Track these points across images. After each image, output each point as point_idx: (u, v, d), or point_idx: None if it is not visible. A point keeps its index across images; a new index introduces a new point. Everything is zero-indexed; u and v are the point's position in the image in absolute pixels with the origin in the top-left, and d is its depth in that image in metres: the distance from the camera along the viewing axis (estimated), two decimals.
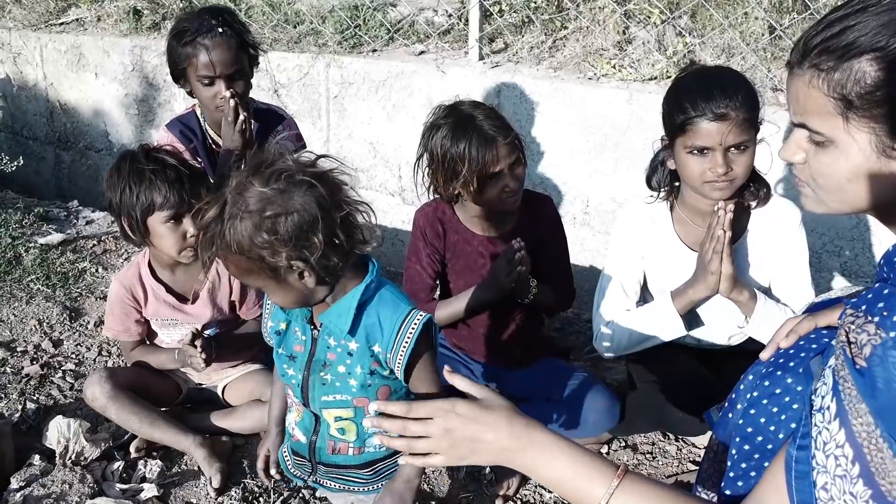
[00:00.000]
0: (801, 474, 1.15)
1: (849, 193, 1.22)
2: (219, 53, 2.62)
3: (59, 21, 5.32)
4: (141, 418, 2.37)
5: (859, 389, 1.07)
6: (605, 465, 1.30)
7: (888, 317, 1.06)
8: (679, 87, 2.11)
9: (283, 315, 1.66)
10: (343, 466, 1.76)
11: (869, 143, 1.16)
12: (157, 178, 2.25)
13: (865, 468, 1.05)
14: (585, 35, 4.22)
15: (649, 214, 2.28)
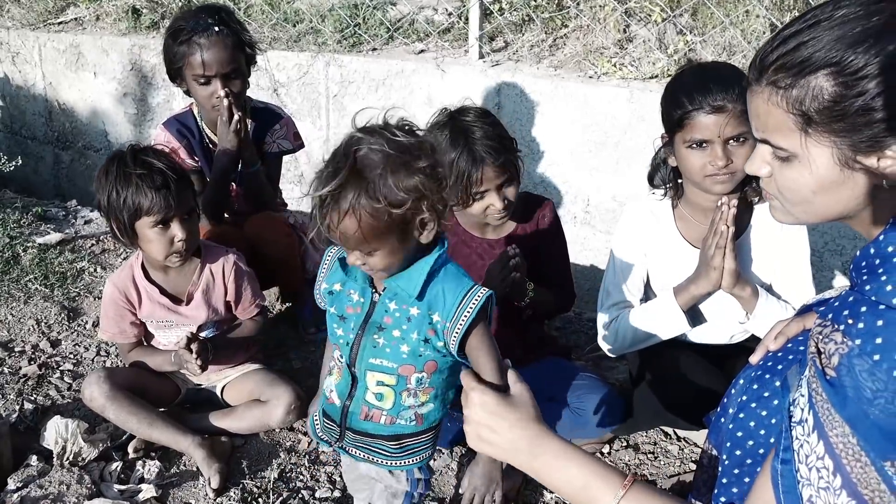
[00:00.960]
0: (788, 489, 1.15)
1: (815, 205, 1.23)
2: (215, 53, 2.61)
3: (57, 20, 5.30)
4: (139, 418, 2.35)
5: (831, 400, 1.07)
6: (614, 473, 1.31)
7: (853, 325, 1.07)
8: (676, 84, 2.10)
9: (340, 276, 1.66)
10: (372, 435, 1.73)
11: (831, 156, 1.16)
12: (144, 183, 2.23)
13: (846, 479, 1.06)
14: (586, 33, 4.20)
15: (652, 212, 2.27)
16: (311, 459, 2.41)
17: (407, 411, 1.69)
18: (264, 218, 2.86)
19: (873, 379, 1.03)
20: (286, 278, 2.97)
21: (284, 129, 2.98)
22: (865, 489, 1.06)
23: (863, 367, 1.05)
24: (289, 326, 3.09)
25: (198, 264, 2.46)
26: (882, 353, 1.04)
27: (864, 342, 1.05)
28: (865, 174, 1.17)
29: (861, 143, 1.14)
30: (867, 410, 1.04)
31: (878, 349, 1.04)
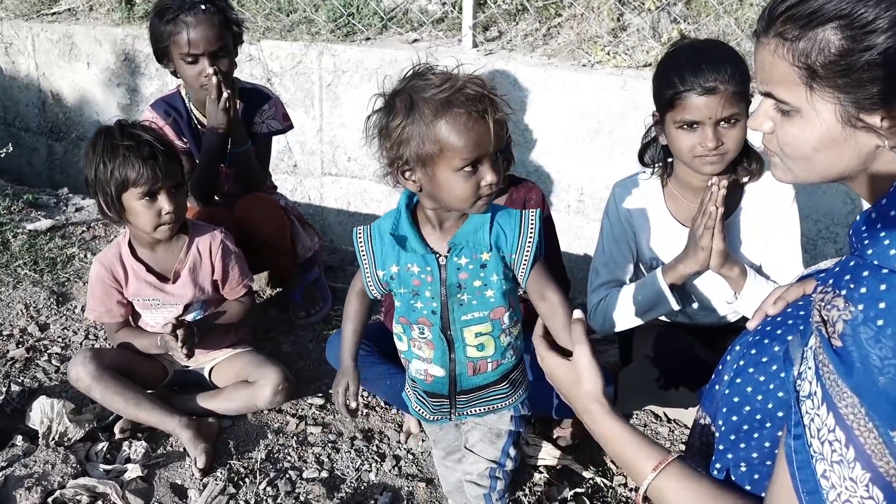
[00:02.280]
0: (802, 464, 1.11)
1: (815, 163, 1.22)
2: (202, 31, 2.60)
3: (50, 11, 5.29)
4: (126, 399, 2.34)
5: (837, 370, 1.04)
6: (659, 446, 1.37)
7: (855, 289, 1.04)
8: (668, 62, 2.09)
9: (393, 257, 1.62)
10: (484, 387, 1.74)
11: (834, 112, 1.15)
12: (132, 155, 2.23)
13: (860, 450, 1.03)
14: (580, 22, 4.19)
15: (641, 191, 2.26)
16: (298, 441, 2.39)
17: (508, 350, 1.71)
18: (255, 199, 2.84)
19: (879, 346, 1.00)
20: (277, 261, 2.95)
21: (273, 110, 2.97)
22: (880, 461, 1.03)
23: (868, 334, 1.01)
24: (279, 311, 3.08)
25: (185, 242, 2.45)
26: (886, 317, 1.01)
27: (868, 307, 1.02)
28: (868, 133, 1.15)
29: (865, 100, 1.12)
30: (875, 379, 1.00)
31: (881, 314, 1.01)
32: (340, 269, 3.40)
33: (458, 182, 1.47)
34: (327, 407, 2.54)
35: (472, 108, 1.41)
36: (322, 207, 4.79)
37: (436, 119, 1.42)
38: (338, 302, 3.11)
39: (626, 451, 1.39)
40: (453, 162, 1.45)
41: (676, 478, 1.31)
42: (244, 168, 2.85)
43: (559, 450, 2.34)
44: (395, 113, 1.47)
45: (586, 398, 1.45)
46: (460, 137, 1.42)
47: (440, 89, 1.42)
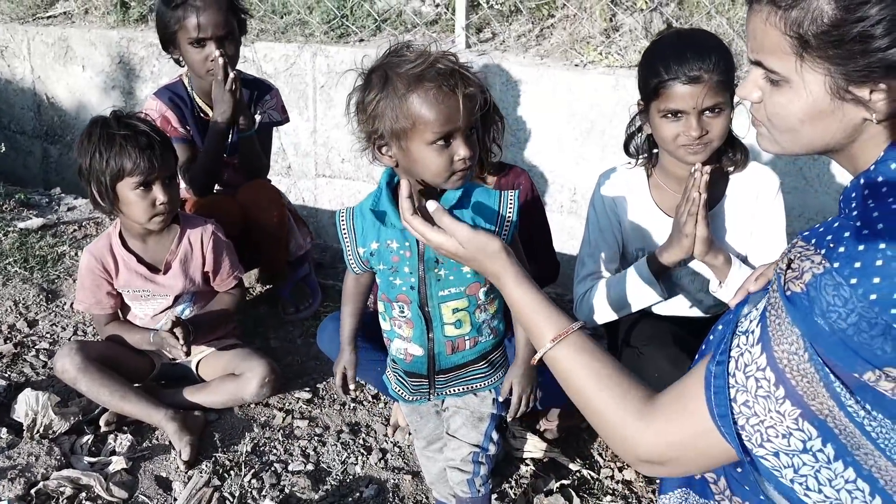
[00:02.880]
0: (718, 389, 1.16)
1: (802, 134, 1.21)
2: (209, 15, 2.61)
3: (46, 14, 5.30)
4: (111, 391, 2.33)
5: (790, 315, 1.06)
6: (564, 316, 1.40)
7: (834, 248, 1.05)
8: (653, 51, 2.08)
9: (373, 234, 1.64)
10: (462, 365, 1.76)
11: (823, 84, 1.14)
12: (128, 144, 2.23)
13: (792, 391, 1.07)
14: (572, 23, 4.20)
15: (626, 181, 2.25)
16: (285, 434, 2.38)
17: (483, 326, 1.73)
18: (259, 185, 2.85)
19: (844, 297, 1.02)
20: (272, 252, 2.93)
21: (274, 101, 2.99)
22: (813, 401, 1.06)
23: (835, 289, 1.03)
24: (268, 307, 3.07)
25: (176, 233, 2.45)
26: (860, 277, 1.02)
27: (843, 265, 1.04)
28: (856, 106, 1.14)
29: (855, 72, 1.11)
30: (833, 328, 1.03)
31: (855, 273, 1.02)
32: (331, 267, 3.39)
33: (432, 156, 1.48)
34: (314, 401, 2.53)
35: (442, 82, 1.43)
36: (316, 209, 4.79)
37: (408, 93, 1.43)
38: (327, 298, 3.10)
39: (531, 319, 1.41)
40: (425, 135, 1.45)
41: (572, 350, 1.34)
42: (248, 154, 2.85)
43: (545, 442, 2.33)
44: (371, 88, 1.49)
45: (490, 261, 1.45)
46: (431, 111, 1.43)
47: (413, 65, 1.43)
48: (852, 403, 1.05)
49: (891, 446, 1.07)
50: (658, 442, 1.24)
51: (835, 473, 1.12)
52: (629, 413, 1.27)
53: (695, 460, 1.24)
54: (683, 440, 1.22)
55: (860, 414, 1.05)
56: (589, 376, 1.32)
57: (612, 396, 1.29)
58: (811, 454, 1.11)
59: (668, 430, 1.24)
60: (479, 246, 1.46)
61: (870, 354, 1.01)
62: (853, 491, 1.12)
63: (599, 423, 1.33)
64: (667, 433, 1.24)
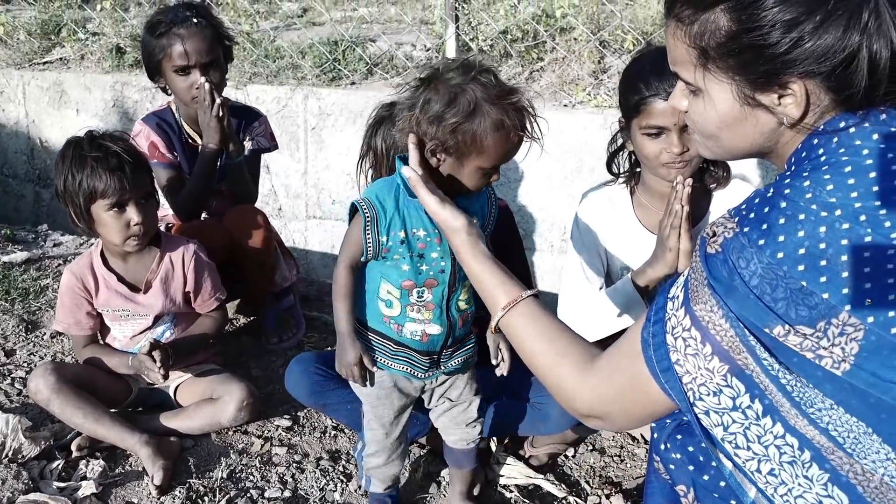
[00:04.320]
0: (657, 345, 1.20)
1: (723, 140, 1.26)
2: (194, 42, 2.62)
3: (43, 60, 5.37)
4: (85, 413, 2.27)
5: (708, 276, 1.12)
6: (518, 285, 1.49)
7: (746, 216, 1.11)
8: (634, 68, 2.09)
9: (398, 225, 1.73)
10: (463, 337, 1.92)
11: (730, 92, 1.19)
12: (99, 166, 2.23)
13: (718, 347, 1.12)
14: (561, 65, 4.25)
15: (610, 200, 2.24)
16: (262, 461, 2.31)
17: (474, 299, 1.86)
18: (245, 209, 2.82)
19: (748, 259, 1.07)
20: (257, 279, 2.88)
21: (263, 128, 2.98)
22: (738, 356, 1.10)
23: (741, 250, 1.08)
24: (251, 337, 3.02)
25: (157, 253, 2.42)
26: (766, 237, 1.06)
27: (752, 229, 1.08)
28: (767, 112, 1.19)
29: (758, 79, 1.16)
30: (743, 284, 1.07)
31: (762, 234, 1.07)
32: (317, 300, 3.35)
33: (476, 176, 1.69)
34: (294, 428, 2.47)
35: (519, 131, 1.65)
36: (307, 251, 4.77)
37: (491, 132, 1.61)
38: (312, 330, 3.06)
39: (486, 287, 1.51)
40: (483, 163, 1.66)
41: (524, 316, 1.43)
42: (236, 180, 2.83)
43: (531, 468, 2.26)
44: (457, 110, 1.61)
45: (453, 236, 1.57)
46: (500, 150, 1.65)
47: (500, 105, 1.60)
48: (767, 356, 1.08)
49: (806, 401, 1.09)
50: (594, 396, 1.31)
51: (763, 429, 1.14)
52: (569, 368, 1.35)
53: (626, 415, 1.30)
54: (619, 394, 1.28)
55: (775, 367, 1.09)
56: (535, 339, 1.41)
57: (554, 354, 1.37)
58: (740, 411, 1.15)
59: (604, 384, 1.30)
60: (443, 219, 1.58)
61: (776, 311, 1.05)
62: (782, 447, 1.14)
63: (546, 380, 1.40)
64: (602, 387, 1.30)
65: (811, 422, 1.10)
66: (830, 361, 1.05)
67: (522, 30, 4.34)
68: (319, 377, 2.31)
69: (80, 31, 5.30)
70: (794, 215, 1.06)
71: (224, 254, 2.68)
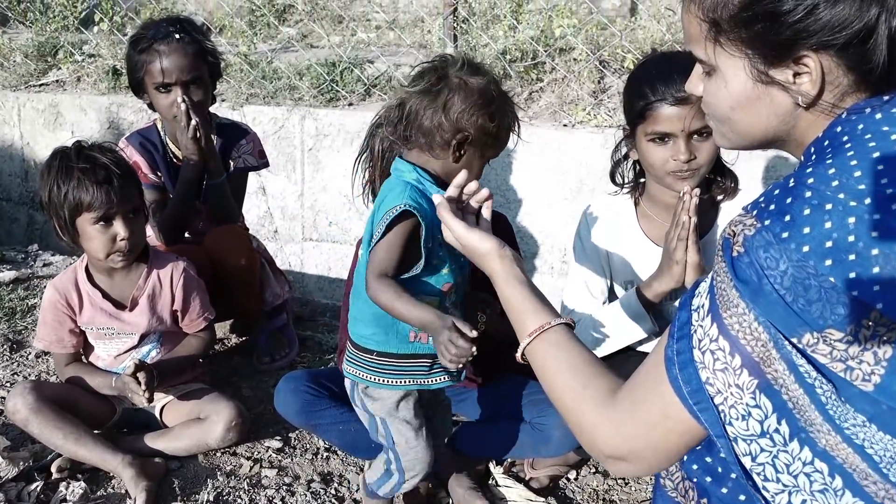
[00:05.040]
0: (684, 364, 1.08)
1: (736, 123, 1.20)
2: (175, 59, 2.56)
3: (39, 82, 5.32)
4: (65, 434, 2.17)
5: (734, 280, 1.03)
6: (550, 312, 1.39)
7: (765, 208, 1.03)
8: (639, 73, 2.04)
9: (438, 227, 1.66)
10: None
11: (743, 68, 1.13)
12: (86, 178, 2.15)
13: (748, 358, 1.02)
14: (561, 86, 4.21)
15: (613, 211, 2.17)
16: (251, 483, 2.21)
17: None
18: (225, 230, 2.73)
19: (770, 254, 0.98)
20: (244, 299, 2.80)
21: (251, 145, 2.91)
22: (768, 368, 1.01)
23: (766, 249, 0.99)
24: (242, 357, 2.93)
25: (144, 269, 2.34)
26: (790, 230, 0.98)
27: (773, 222, 1.00)
28: (782, 90, 1.12)
29: (771, 52, 1.10)
30: (770, 286, 0.98)
31: (786, 227, 0.99)
32: (311, 320, 3.27)
33: (482, 165, 1.82)
34: (285, 450, 2.37)
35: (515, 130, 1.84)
36: (302, 274, 4.68)
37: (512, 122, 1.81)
38: (305, 349, 2.97)
39: (516, 312, 1.42)
40: (494, 153, 1.81)
41: (551, 344, 1.33)
42: (218, 201, 2.76)
43: (531, 491, 2.16)
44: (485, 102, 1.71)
45: (483, 261, 1.50)
46: (507, 139, 1.83)
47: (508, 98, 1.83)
48: (804, 362, 0.99)
49: (840, 415, 0.99)
50: (616, 434, 1.18)
51: (792, 456, 1.05)
52: (590, 402, 1.22)
53: (655, 452, 1.16)
54: (644, 429, 1.15)
55: (812, 375, 0.98)
56: (559, 370, 1.30)
57: (577, 386, 1.25)
58: (768, 437, 1.05)
59: (626, 420, 1.17)
60: (472, 244, 1.51)
61: (808, 317, 0.96)
62: (811, 474, 1.05)
63: (567, 417, 1.27)
64: (624, 424, 1.17)
65: (846, 439, 1.00)
66: (860, 374, 0.97)
67: (521, 50, 4.31)
68: (311, 396, 2.23)
69: (76, 53, 5.26)
70: (820, 205, 0.98)
71: (208, 275, 2.58)
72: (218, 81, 2.79)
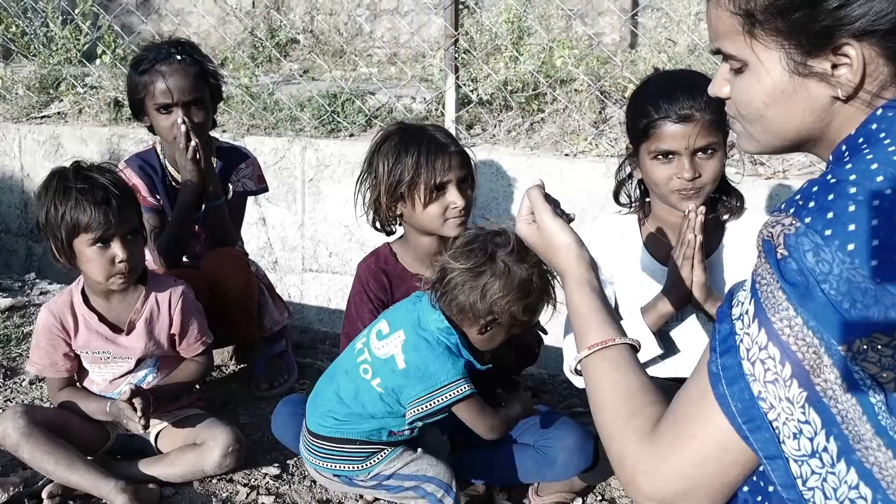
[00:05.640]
0: (732, 379, 1.02)
1: (769, 120, 1.15)
2: (176, 80, 2.55)
3: (40, 114, 5.34)
4: (57, 459, 2.11)
5: (781, 283, 0.97)
6: (617, 330, 1.32)
7: (804, 206, 0.99)
8: (642, 92, 2.03)
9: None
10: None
11: (779, 61, 1.10)
12: (84, 198, 2.12)
13: (798, 367, 0.97)
14: (562, 116, 4.21)
15: (618, 231, 2.14)
16: None
17: None
18: (222, 253, 2.69)
19: (820, 257, 0.94)
20: (243, 323, 2.75)
21: (250, 169, 2.89)
22: (818, 378, 0.95)
23: (810, 245, 0.95)
24: (240, 384, 2.88)
25: (142, 292, 2.29)
26: (833, 227, 0.94)
27: (815, 220, 0.96)
28: (819, 82, 1.09)
29: (809, 42, 1.06)
30: (819, 290, 0.94)
31: (829, 224, 0.94)
32: (310, 347, 3.22)
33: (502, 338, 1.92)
34: (283, 477, 2.31)
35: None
36: (302, 305, 4.65)
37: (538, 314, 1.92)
38: (304, 377, 2.91)
39: (581, 324, 1.35)
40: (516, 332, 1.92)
41: (609, 362, 1.26)
42: (217, 224, 2.73)
43: None
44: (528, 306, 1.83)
45: (559, 255, 1.43)
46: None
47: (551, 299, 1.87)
48: (857, 369, 0.94)
49: (891, 426, 0.94)
50: (656, 472, 1.08)
51: (839, 479, 0.98)
52: (634, 436, 1.13)
53: (711, 488, 1.06)
54: (687, 468, 1.06)
55: (867, 383, 0.93)
56: (612, 391, 1.22)
57: (623, 415, 1.16)
58: (818, 457, 0.98)
59: (669, 456, 1.08)
60: (552, 232, 1.45)
61: (855, 320, 0.93)
62: (856, 500, 0.97)
63: (608, 446, 1.18)
64: (667, 460, 1.08)
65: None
66: None
67: (522, 80, 4.32)
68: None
69: (78, 85, 5.28)
70: (865, 201, 0.94)
71: (205, 300, 2.54)
72: (219, 105, 2.78)
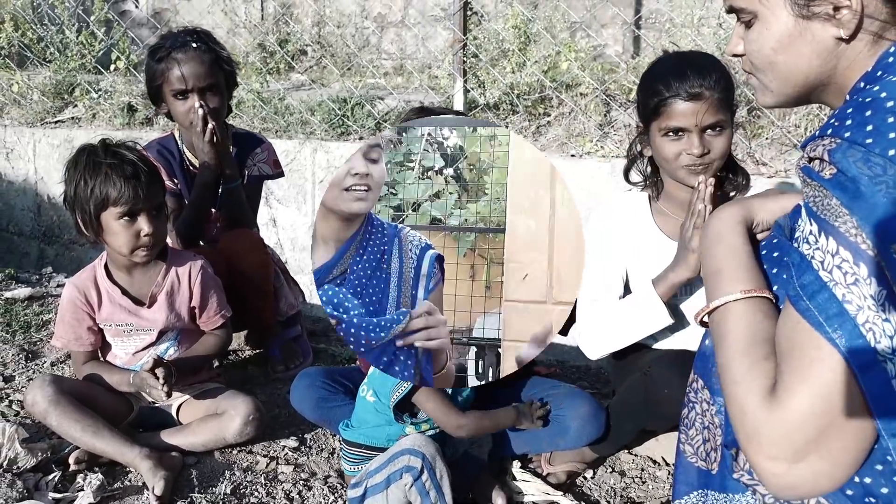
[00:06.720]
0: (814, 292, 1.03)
1: (779, 66, 1.22)
2: (192, 66, 2.64)
3: (55, 119, 5.43)
4: (84, 426, 2.18)
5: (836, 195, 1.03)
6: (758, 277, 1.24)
7: (841, 125, 1.05)
8: (653, 71, 2.11)
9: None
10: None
11: (784, 6, 1.17)
12: (114, 173, 2.19)
13: (871, 262, 0.99)
14: (568, 119, 4.30)
15: (629, 207, 2.21)
16: (268, 478, 2.21)
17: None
18: (239, 233, 2.78)
19: (869, 165, 1.00)
20: (259, 304, 2.82)
21: (265, 154, 2.98)
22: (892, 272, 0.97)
23: (856, 156, 1.01)
24: (256, 367, 2.94)
25: (163, 266, 2.37)
26: (874, 137, 1.01)
27: (854, 133, 1.02)
28: (823, 23, 1.16)
29: None
30: (872, 196, 0.99)
31: (869, 134, 1.01)
32: (323, 335, 3.29)
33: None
34: (301, 449, 2.37)
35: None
36: (312, 305, 4.70)
37: None
38: (318, 360, 2.98)
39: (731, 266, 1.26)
40: None
41: (752, 309, 1.19)
42: (234, 206, 2.81)
43: (549, 486, 2.16)
44: None
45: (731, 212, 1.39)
46: None
47: None
48: None
49: None
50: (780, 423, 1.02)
51: None
52: (754, 386, 1.08)
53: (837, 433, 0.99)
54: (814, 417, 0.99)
55: None
56: (743, 336, 1.17)
57: (745, 363, 1.12)
58: None
59: (791, 402, 1.01)
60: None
61: None
62: None
63: (730, 402, 1.13)
64: (790, 408, 1.01)
65: None
66: None
67: (529, 85, 4.42)
68: (326, 391, 2.26)
69: (92, 91, 5.38)
70: None
71: (223, 280, 2.61)
72: (234, 91, 2.87)
